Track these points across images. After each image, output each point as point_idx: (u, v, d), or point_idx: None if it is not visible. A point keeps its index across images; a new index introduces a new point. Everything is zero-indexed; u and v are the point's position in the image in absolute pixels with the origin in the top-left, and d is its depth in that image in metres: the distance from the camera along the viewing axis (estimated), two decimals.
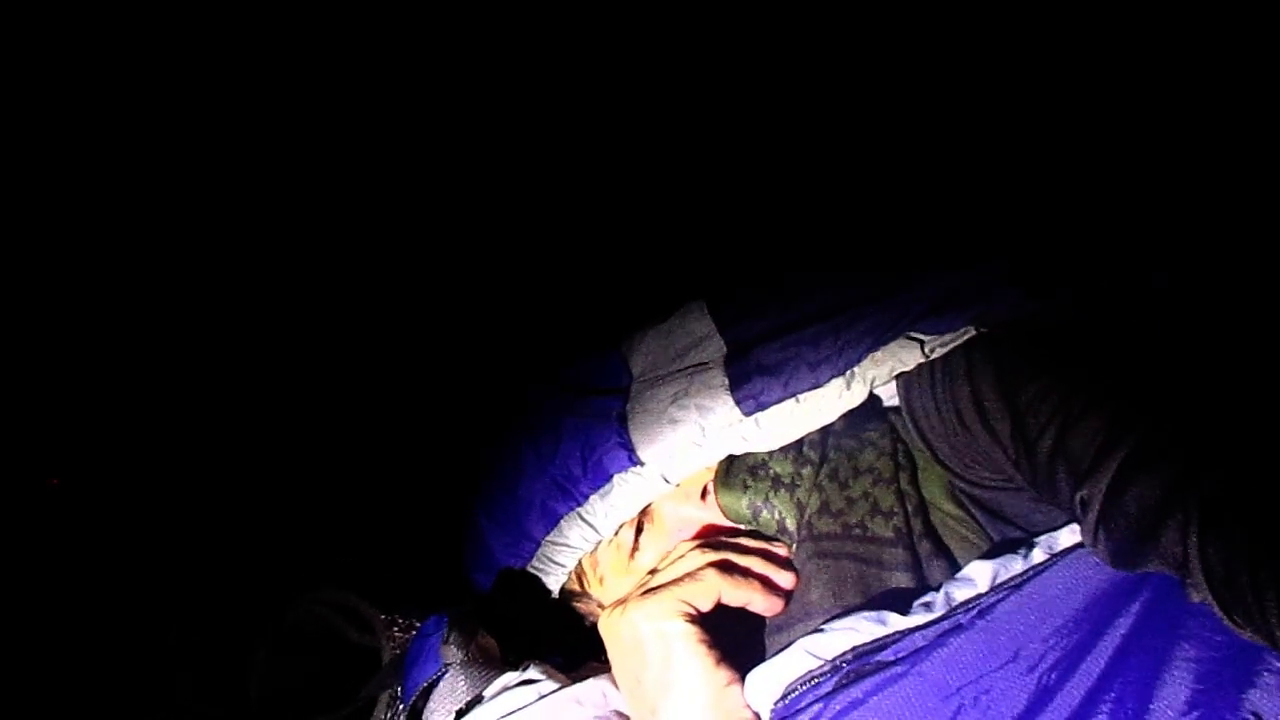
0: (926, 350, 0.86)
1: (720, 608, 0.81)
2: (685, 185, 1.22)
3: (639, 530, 0.94)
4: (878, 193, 1.15)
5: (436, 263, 1.24)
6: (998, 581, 0.75)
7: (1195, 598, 0.64)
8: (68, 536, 1.09)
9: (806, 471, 0.89)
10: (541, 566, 0.99)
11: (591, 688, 0.82)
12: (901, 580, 0.82)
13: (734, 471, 0.90)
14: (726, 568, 0.82)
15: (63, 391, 1.15)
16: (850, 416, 0.91)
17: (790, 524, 0.87)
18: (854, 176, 1.17)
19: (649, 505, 0.94)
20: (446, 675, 0.80)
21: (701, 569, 0.81)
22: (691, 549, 0.85)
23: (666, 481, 0.92)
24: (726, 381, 0.91)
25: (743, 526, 0.90)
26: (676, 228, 1.20)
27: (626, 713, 0.83)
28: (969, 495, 0.84)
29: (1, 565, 1.07)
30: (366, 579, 0.96)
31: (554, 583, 1.00)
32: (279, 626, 0.92)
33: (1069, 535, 0.76)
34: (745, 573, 0.83)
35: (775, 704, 0.74)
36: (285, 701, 0.89)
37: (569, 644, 0.95)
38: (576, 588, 1.00)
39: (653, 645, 0.78)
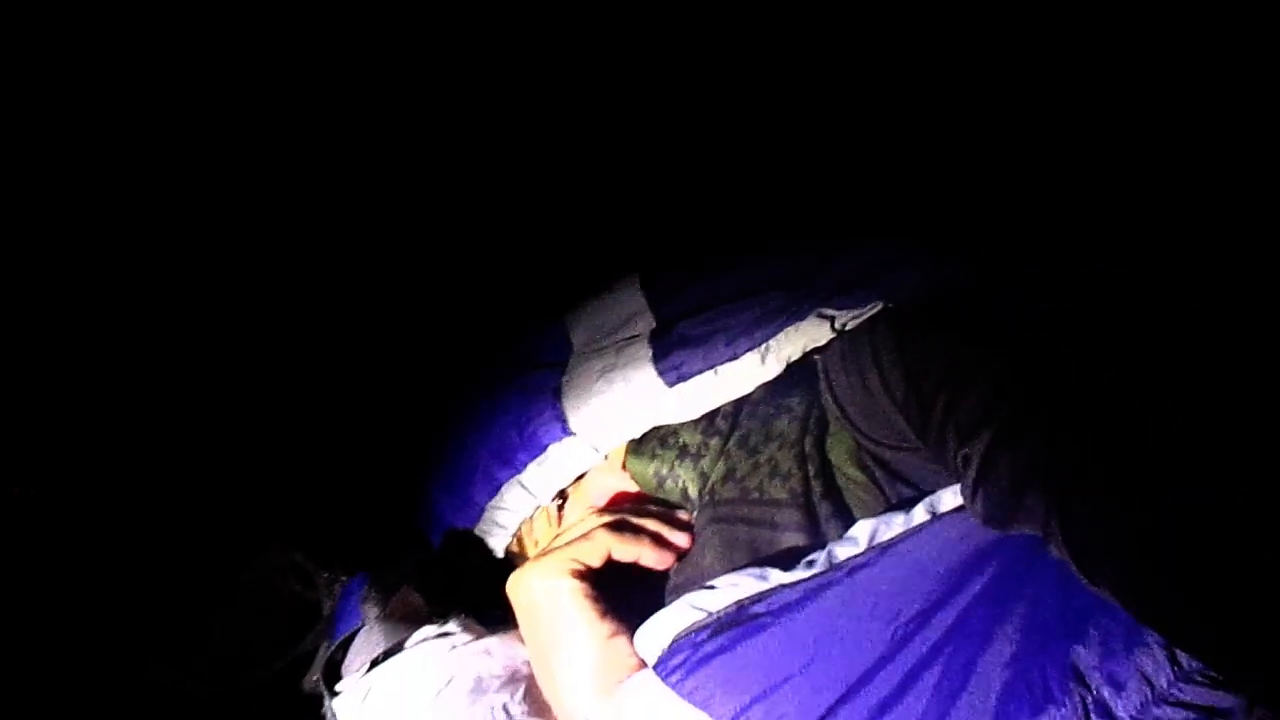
0: (837, 325, 0.89)
1: (614, 566, 0.86)
2: (634, 165, 1.25)
3: (565, 499, 0.99)
4: (805, 178, 1.18)
5: (393, 239, 1.28)
6: (876, 540, 0.77)
7: (1055, 554, 0.67)
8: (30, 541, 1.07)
9: (714, 442, 0.93)
10: (487, 529, 1.05)
11: (503, 640, 0.88)
12: (795, 540, 0.84)
13: (645, 440, 0.94)
14: (618, 526, 0.87)
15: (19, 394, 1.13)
16: (774, 387, 0.94)
17: (692, 492, 0.91)
18: (789, 163, 1.20)
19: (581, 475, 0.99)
20: (363, 629, 0.86)
21: (594, 530, 0.86)
22: (591, 513, 0.90)
23: (596, 451, 0.97)
24: (651, 353, 0.95)
25: (652, 494, 0.94)
26: (623, 207, 1.24)
27: None
28: (874, 456, 0.86)
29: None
30: (316, 541, 1.03)
31: (498, 544, 1.06)
32: (234, 587, 1.00)
33: (951, 496, 0.78)
34: (637, 530, 0.87)
35: (660, 654, 0.78)
36: (240, 655, 0.97)
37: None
38: (517, 550, 1.06)
39: (544, 601, 0.83)
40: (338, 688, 0.85)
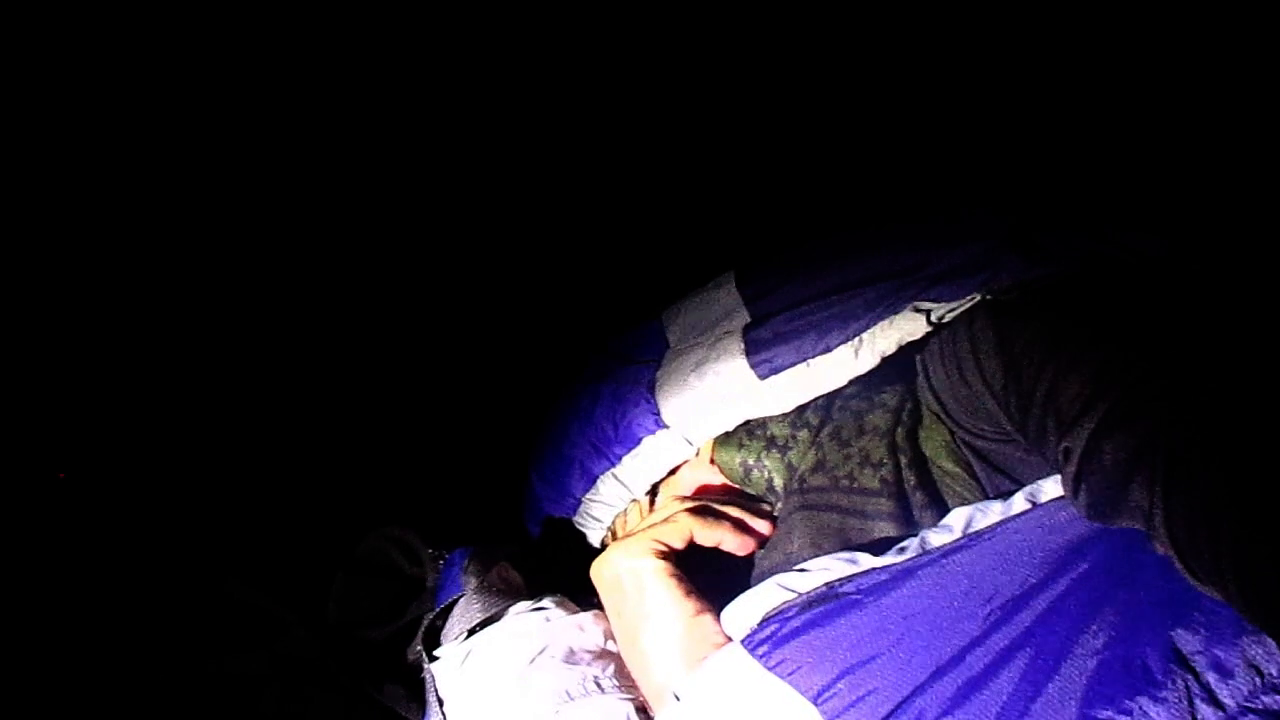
0: (933, 318, 0.89)
1: (697, 551, 0.87)
2: (731, 166, 1.27)
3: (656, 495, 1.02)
4: (896, 170, 1.18)
5: (502, 237, 1.33)
6: (971, 528, 0.77)
7: (1159, 550, 0.65)
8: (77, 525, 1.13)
9: (803, 435, 0.93)
10: (583, 521, 1.08)
11: (596, 619, 0.90)
12: (887, 530, 0.84)
13: (734, 431, 0.96)
14: (700, 511, 0.89)
15: (72, 380, 1.18)
16: (866, 381, 0.94)
17: (778, 483, 0.92)
18: (884, 158, 1.20)
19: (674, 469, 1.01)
20: (463, 598, 0.90)
21: (676, 513, 0.88)
22: (674, 500, 0.92)
23: (689, 443, 0.99)
24: (743, 347, 0.96)
25: (737, 485, 0.95)
26: (720, 206, 1.26)
27: None
28: (971, 447, 0.86)
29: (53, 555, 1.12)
30: (424, 520, 1.08)
31: (594, 536, 1.09)
32: (351, 558, 1.06)
33: (1053, 486, 0.76)
34: (718, 515, 0.88)
35: (748, 630, 0.79)
36: (354, 620, 1.02)
37: None
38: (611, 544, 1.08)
39: (628, 580, 0.86)
40: (437, 653, 0.89)
